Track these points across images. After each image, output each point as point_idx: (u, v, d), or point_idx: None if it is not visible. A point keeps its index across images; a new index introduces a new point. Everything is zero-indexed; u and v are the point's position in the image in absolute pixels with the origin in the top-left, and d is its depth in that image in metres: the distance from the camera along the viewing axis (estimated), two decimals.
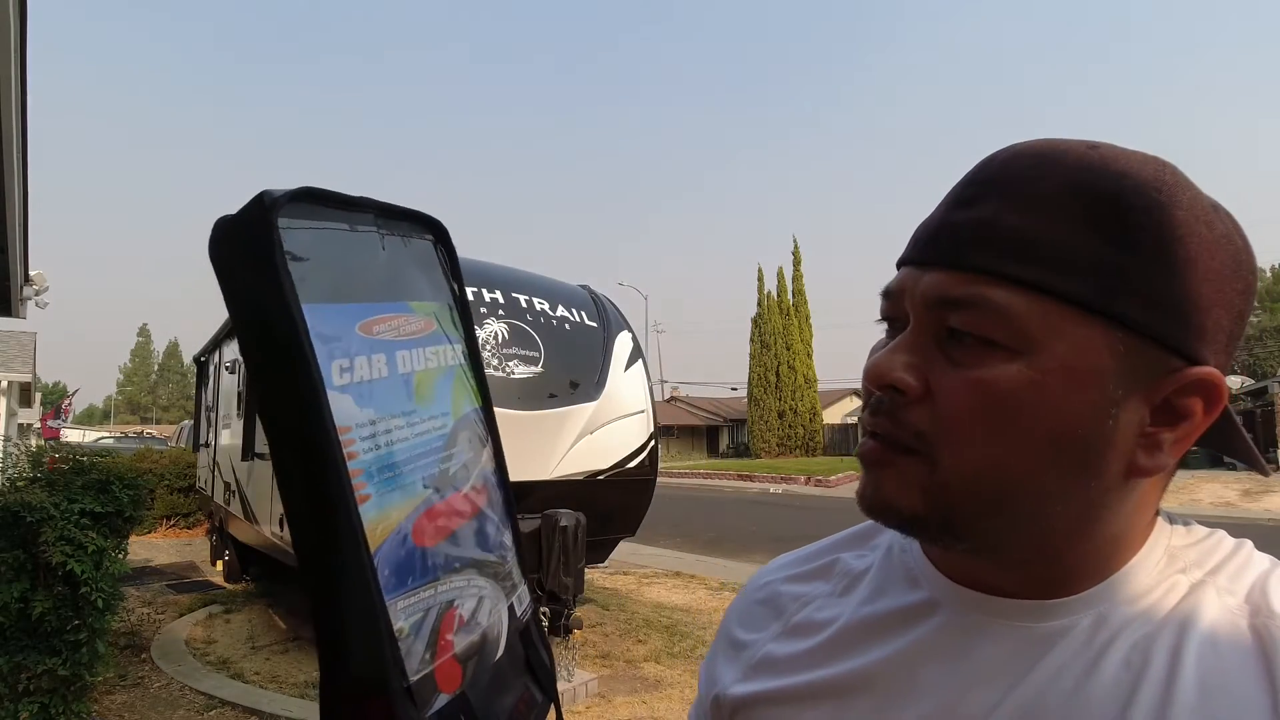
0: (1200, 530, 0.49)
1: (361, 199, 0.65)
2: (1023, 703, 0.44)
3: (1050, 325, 0.41)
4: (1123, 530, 0.46)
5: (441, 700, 0.60)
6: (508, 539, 0.76)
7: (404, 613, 0.58)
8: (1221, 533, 0.49)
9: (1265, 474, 0.53)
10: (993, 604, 0.47)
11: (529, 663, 0.77)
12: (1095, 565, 0.46)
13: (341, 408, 0.56)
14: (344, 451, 0.55)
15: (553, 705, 0.80)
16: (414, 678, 0.57)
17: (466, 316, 0.77)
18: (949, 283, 0.43)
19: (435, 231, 0.75)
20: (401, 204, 0.72)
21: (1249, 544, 0.49)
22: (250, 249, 0.54)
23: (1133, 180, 0.42)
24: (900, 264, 0.48)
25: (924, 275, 0.45)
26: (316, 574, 0.56)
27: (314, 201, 0.59)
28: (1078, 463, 0.42)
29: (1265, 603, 0.43)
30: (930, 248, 0.46)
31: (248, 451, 5.90)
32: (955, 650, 0.47)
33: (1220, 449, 0.51)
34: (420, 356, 0.67)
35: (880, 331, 0.50)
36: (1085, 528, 0.44)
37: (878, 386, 0.45)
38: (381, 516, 0.58)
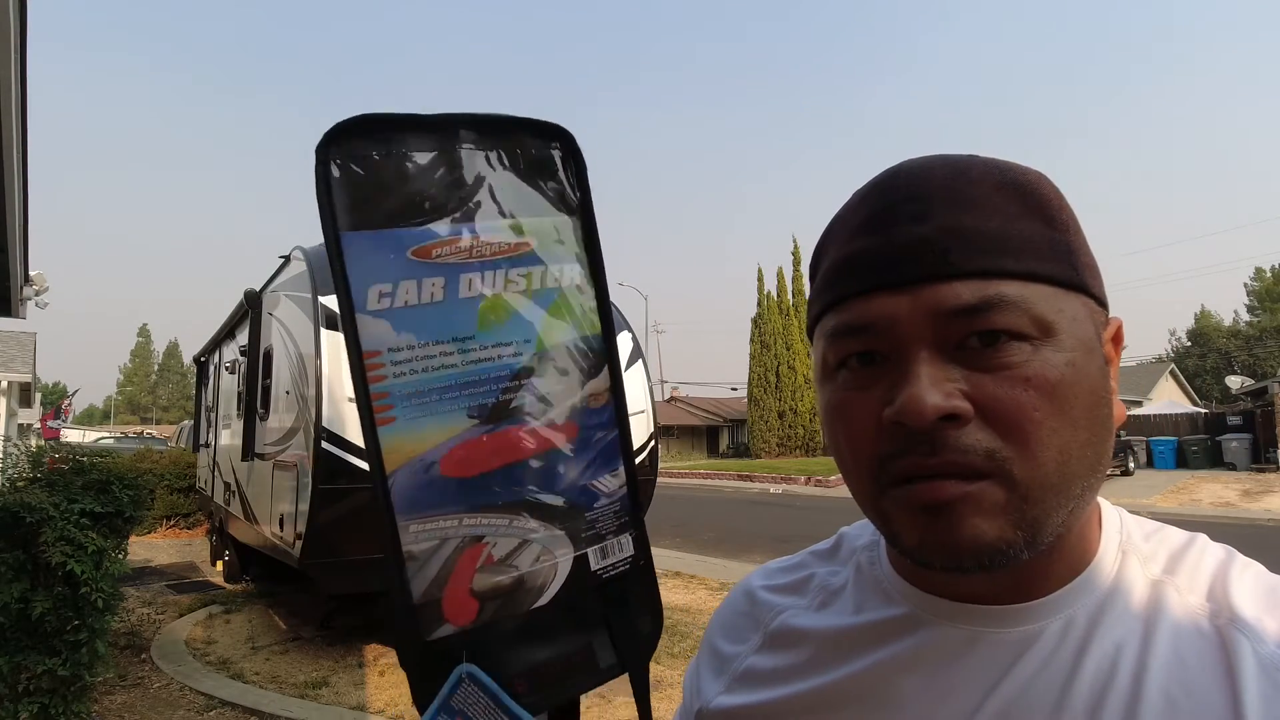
0: (1149, 523, 0.51)
1: (447, 117, 0.60)
2: (995, 712, 0.44)
3: (1055, 307, 0.43)
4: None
5: (445, 629, 0.60)
6: (605, 484, 0.68)
7: (415, 536, 0.59)
8: (1170, 527, 0.50)
9: None
10: (966, 612, 0.48)
11: (607, 622, 0.70)
12: (1067, 556, 0.46)
13: (373, 332, 0.57)
14: (368, 374, 0.57)
15: (630, 676, 0.72)
16: (419, 599, 0.58)
17: (590, 233, 0.69)
18: (959, 290, 0.42)
19: (560, 139, 0.67)
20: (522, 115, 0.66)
21: (1202, 536, 0.49)
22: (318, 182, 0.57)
23: (1029, 172, 0.47)
24: (859, 293, 0.45)
25: (912, 295, 0.43)
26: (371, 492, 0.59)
27: (378, 127, 0.59)
28: (1105, 426, 0.44)
29: (1226, 600, 0.44)
30: (909, 266, 0.43)
31: (248, 451, 5.89)
32: (931, 661, 0.48)
33: None
34: (497, 279, 0.63)
35: (847, 373, 0.46)
36: (1093, 494, 0.45)
37: (929, 422, 0.41)
38: (403, 441, 0.58)
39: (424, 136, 0.63)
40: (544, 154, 0.67)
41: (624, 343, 5.68)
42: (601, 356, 0.68)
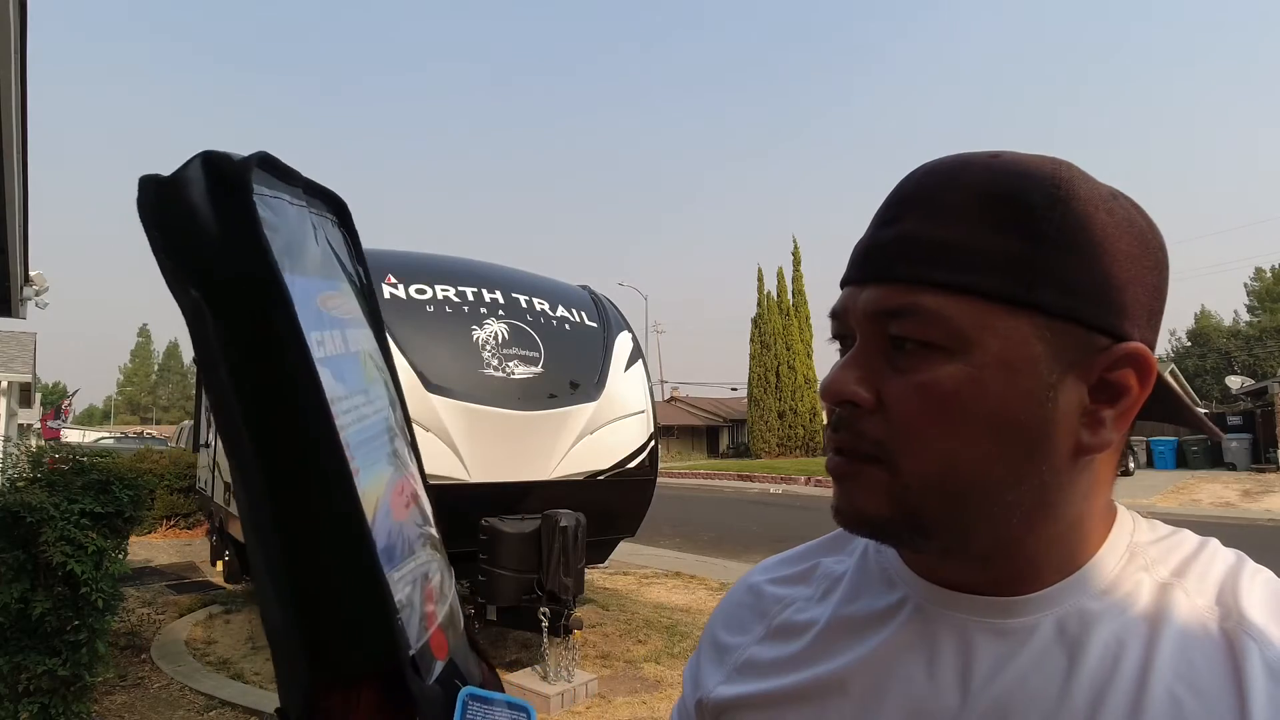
0: (1163, 528, 0.51)
1: (294, 170, 0.63)
2: (991, 702, 0.45)
3: (980, 322, 0.43)
4: (1080, 516, 0.47)
5: (439, 667, 0.62)
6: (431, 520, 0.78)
7: (398, 586, 0.59)
8: (1185, 531, 0.50)
9: (1218, 438, 0.56)
10: (964, 601, 0.49)
11: (469, 634, 0.76)
12: (1058, 557, 0.47)
13: (324, 380, 0.56)
14: (336, 423, 0.55)
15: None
16: (415, 648, 0.58)
17: (374, 305, 0.74)
18: (885, 295, 0.46)
19: (340, 212, 0.71)
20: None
21: (1214, 541, 0.49)
22: (234, 208, 0.52)
23: (1032, 179, 0.45)
24: (843, 284, 0.51)
25: (862, 292, 0.48)
26: (309, 556, 0.54)
27: (270, 169, 0.58)
28: (1026, 448, 0.44)
29: (1235, 604, 0.44)
30: (864, 266, 0.48)
31: None
32: (928, 649, 0.49)
33: (1170, 420, 0.54)
34: (361, 337, 0.68)
35: (834, 351, 0.52)
36: (1042, 512, 0.45)
37: (834, 402, 0.48)
38: (368, 490, 0.58)
39: (295, 188, 0.64)
40: (334, 222, 0.73)
41: (624, 343, 5.68)
42: (405, 415, 0.75)
